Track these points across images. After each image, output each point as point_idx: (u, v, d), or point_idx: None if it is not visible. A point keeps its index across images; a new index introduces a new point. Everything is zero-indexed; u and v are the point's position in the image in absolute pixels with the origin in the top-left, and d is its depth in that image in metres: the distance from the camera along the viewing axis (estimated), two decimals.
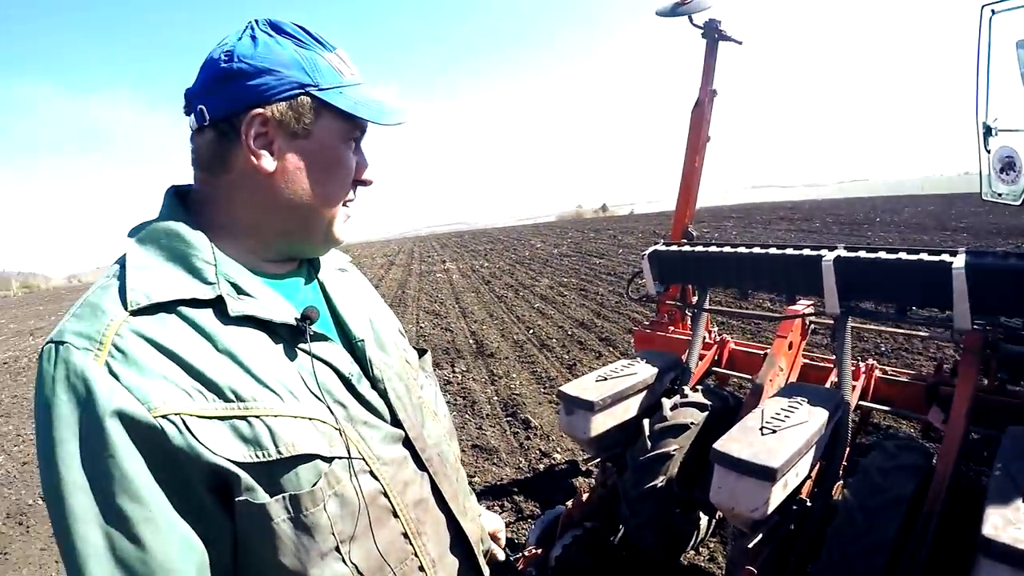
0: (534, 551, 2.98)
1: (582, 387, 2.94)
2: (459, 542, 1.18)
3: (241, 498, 0.84)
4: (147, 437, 0.78)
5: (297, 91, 0.94)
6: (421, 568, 1.07)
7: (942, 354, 5.67)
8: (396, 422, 1.07)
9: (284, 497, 0.87)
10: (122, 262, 0.91)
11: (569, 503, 3.11)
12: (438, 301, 12.91)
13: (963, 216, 17.99)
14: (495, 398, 6.39)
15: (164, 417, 0.79)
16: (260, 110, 0.93)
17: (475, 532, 1.24)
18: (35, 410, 0.80)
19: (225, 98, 0.93)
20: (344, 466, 0.94)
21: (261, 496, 0.86)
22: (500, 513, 4.01)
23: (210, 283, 0.90)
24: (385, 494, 1.01)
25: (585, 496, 3.11)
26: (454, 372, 7.41)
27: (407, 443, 1.09)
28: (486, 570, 1.27)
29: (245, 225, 0.99)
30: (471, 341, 8.97)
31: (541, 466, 4.67)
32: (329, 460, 0.92)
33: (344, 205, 1.04)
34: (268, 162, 0.95)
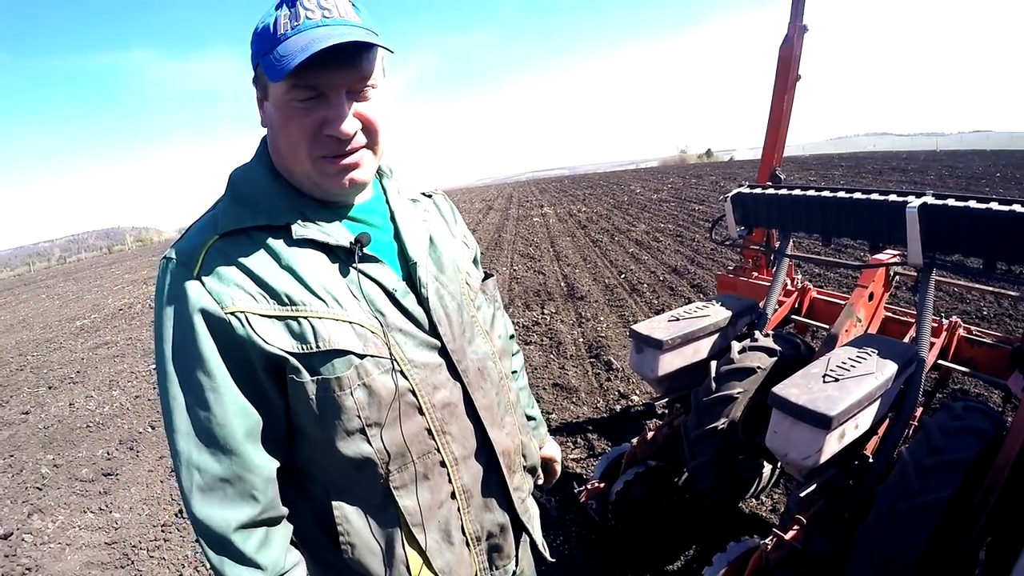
0: (597, 485, 3.06)
1: (653, 326, 2.95)
2: (485, 451, 1.29)
3: (290, 376, 1.06)
4: (220, 328, 1.02)
5: (256, 61, 1.06)
6: (443, 464, 1.21)
7: None
8: (435, 333, 1.20)
9: (318, 379, 1.07)
10: (221, 197, 1.16)
11: (635, 440, 3.16)
12: (533, 245, 13.01)
13: None
14: (580, 340, 6.46)
15: (232, 314, 1.02)
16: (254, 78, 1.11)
17: (504, 443, 1.33)
18: (153, 302, 1.09)
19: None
20: (376, 363, 1.11)
21: (303, 376, 1.06)
22: (572, 450, 4.12)
23: (280, 213, 1.10)
24: (413, 392, 1.15)
25: (651, 435, 3.15)
26: (543, 314, 7.52)
27: (444, 353, 1.21)
28: (513, 482, 1.36)
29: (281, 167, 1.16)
30: (562, 284, 9.04)
31: (618, 407, 4.73)
32: (361, 356, 1.09)
33: (325, 159, 1.09)
34: (262, 119, 1.14)
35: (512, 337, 1.61)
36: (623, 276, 9.13)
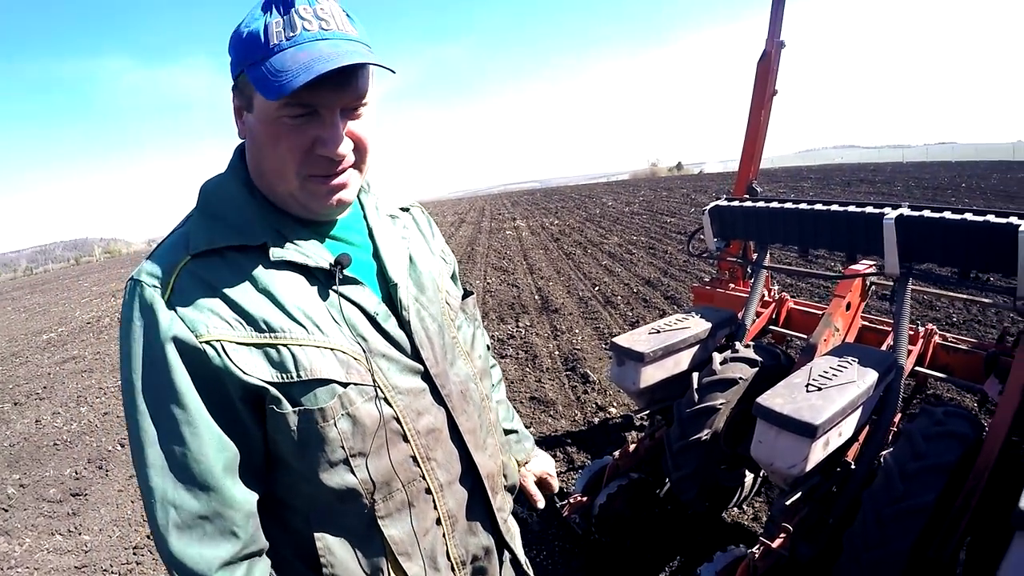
0: (579, 498, 3.05)
1: (634, 338, 2.96)
2: (470, 475, 1.26)
3: (270, 407, 1.01)
4: (194, 358, 0.96)
5: (239, 69, 1.00)
6: (428, 491, 1.17)
7: (1004, 324, 5.40)
8: (418, 357, 1.16)
9: (300, 410, 1.02)
10: (192, 213, 1.09)
11: (616, 453, 3.15)
12: (506, 258, 13.01)
13: None
14: (556, 352, 6.46)
15: (207, 343, 0.96)
16: (232, 86, 1.05)
17: (488, 466, 1.30)
18: (119, 329, 1.02)
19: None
20: (359, 391, 1.07)
21: (284, 407, 1.01)
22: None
23: (256, 232, 1.05)
24: (397, 419, 1.11)
25: (632, 447, 3.15)
26: (518, 327, 7.50)
27: (427, 378, 1.18)
28: (496, 503, 1.33)
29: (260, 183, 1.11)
30: (536, 297, 9.04)
31: (596, 419, 4.73)
32: (344, 385, 1.05)
33: (314, 178, 1.04)
34: (240, 130, 1.08)
35: (488, 348, 1.58)
36: (597, 288, 9.16)
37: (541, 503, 1.65)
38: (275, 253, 1.04)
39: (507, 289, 9.77)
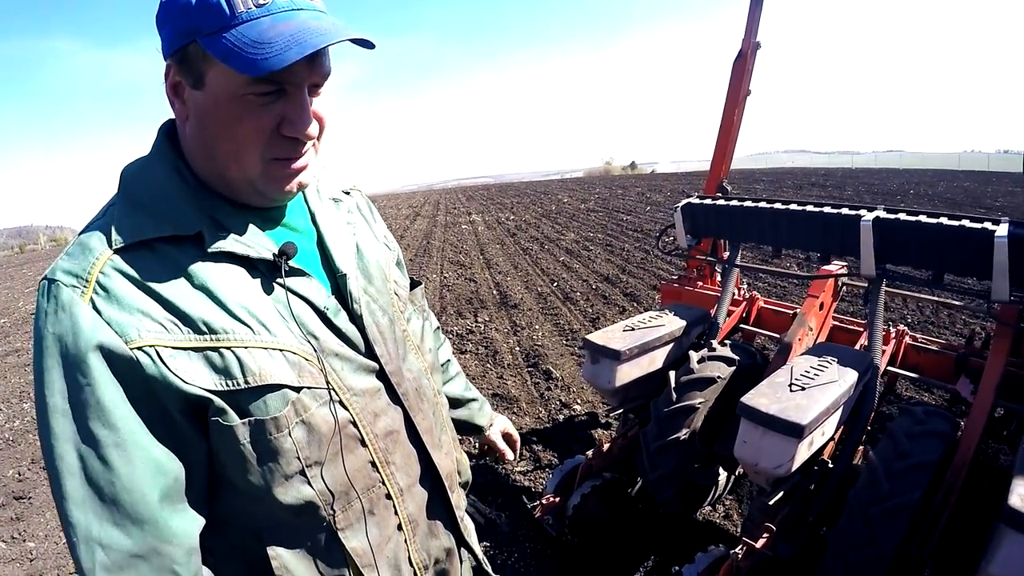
0: (552, 499, 2.99)
1: (608, 336, 2.91)
2: (429, 475, 1.20)
3: (214, 419, 0.90)
4: (124, 367, 0.84)
5: (186, 40, 0.88)
6: (388, 496, 1.10)
7: (969, 329, 5.57)
8: (372, 355, 1.09)
9: (250, 421, 0.91)
10: (113, 201, 0.96)
11: (589, 453, 3.11)
12: (463, 252, 12.91)
13: (999, 195, 17.51)
14: (517, 348, 6.40)
15: (139, 349, 0.84)
16: (170, 60, 0.92)
17: (447, 466, 1.25)
18: (32, 341, 0.88)
19: (161, 43, 0.93)
20: (313, 395, 0.98)
21: (231, 419, 0.90)
22: (518, 462, 4.04)
23: (189, 221, 0.93)
24: (354, 423, 1.04)
25: (605, 447, 3.11)
26: (476, 322, 7.43)
27: (382, 376, 1.10)
28: (456, 501, 1.28)
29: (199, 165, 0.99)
30: (495, 292, 8.97)
31: (561, 417, 4.69)
32: (297, 389, 0.95)
33: (278, 161, 0.95)
34: (179, 109, 0.95)
35: (437, 329, 1.53)
36: (555, 284, 9.14)
37: (511, 455, 1.69)
38: (212, 244, 0.93)
39: (465, 284, 9.68)
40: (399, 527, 1.13)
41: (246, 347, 0.91)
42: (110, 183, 1.01)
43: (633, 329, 2.97)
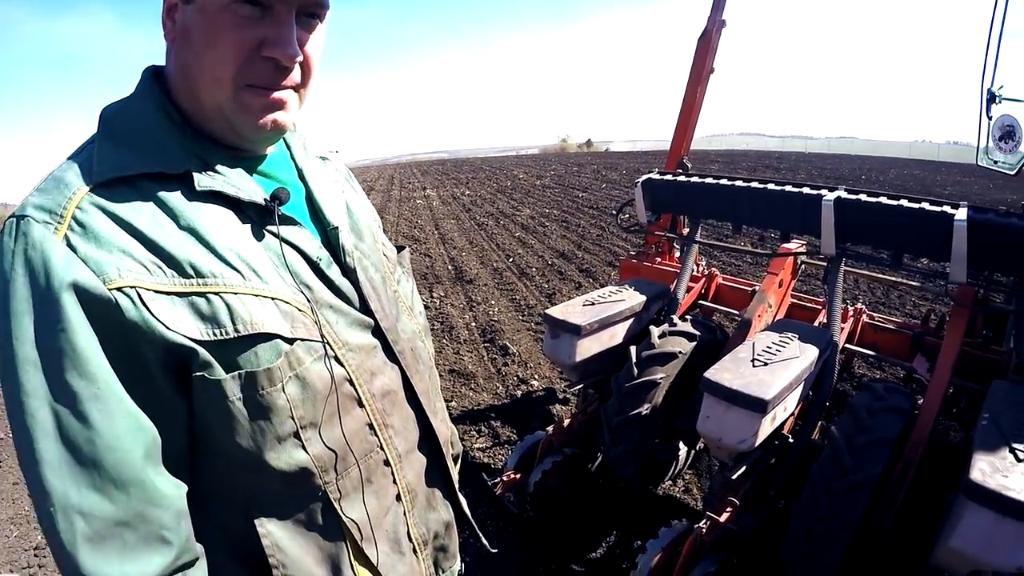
0: (513, 476, 2.97)
1: (568, 311, 2.87)
2: (427, 441, 1.15)
3: (198, 374, 0.81)
4: (101, 310, 0.75)
5: None
6: (387, 463, 1.04)
7: (922, 309, 5.73)
8: (367, 310, 1.03)
9: (240, 374, 0.84)
10: (92, 139, 0.87)
11: (549, 429, 3.09)
12: (417, 227, 12.77)
13: (948, 184, 18.06)
14: (473, 324, 6.36)
15: (119, 290, 0.76)
16: None
17: (445, 433, 1.21)
18: None
19: None
20: (307, 348, 0.91)
21: (217, 373, 0.82)
22: (477, 438, 4.01)
23: (176, 158, 0.87)
24: (351, 381, 0.97)
25: (566, 422, 3.10)
26: (432, 297, 7.37)
27: (378, 333, 1.04)
28: (454, 472, 1.23)
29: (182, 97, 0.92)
30: (450, 267, 8.91)
31: (518, 392, 4.67)
32: (291, 341, 0.88)
33: (252, 88, 0.87)
34: (168, 29, 0.88)
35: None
36: (511, 260, 9.11)
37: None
38: (200, 182, 0.86)
39: (420, 259, 9.57)
40: (397, 497, 1.07)
41: (235, 293, 0.84)
42: (56, 157, 0.92)
43: (593, 304, 2.94)
